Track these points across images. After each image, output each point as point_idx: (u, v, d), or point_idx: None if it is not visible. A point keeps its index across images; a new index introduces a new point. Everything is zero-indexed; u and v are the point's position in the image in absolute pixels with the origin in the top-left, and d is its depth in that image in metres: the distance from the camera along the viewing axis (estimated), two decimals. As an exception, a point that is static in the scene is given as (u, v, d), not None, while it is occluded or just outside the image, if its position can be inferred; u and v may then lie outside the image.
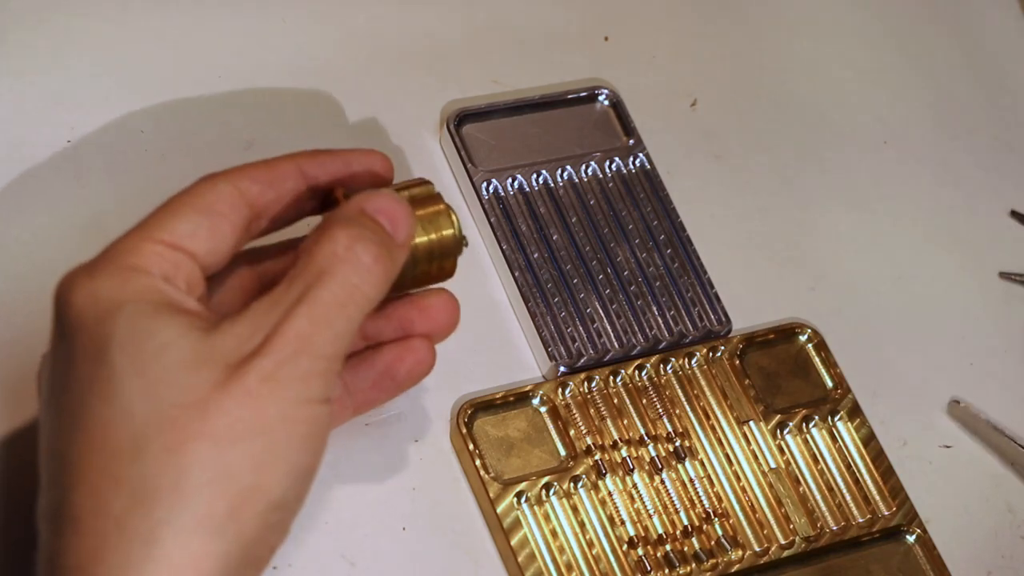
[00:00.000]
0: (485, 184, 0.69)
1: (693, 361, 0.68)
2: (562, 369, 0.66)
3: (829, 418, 0.68)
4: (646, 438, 0.65)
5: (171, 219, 0.51)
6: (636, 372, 0.67)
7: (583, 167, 0.71)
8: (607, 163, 0.72)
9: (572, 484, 0.63)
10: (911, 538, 0.66)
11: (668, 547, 0.63)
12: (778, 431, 0.67)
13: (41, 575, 0.48)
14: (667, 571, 0.63)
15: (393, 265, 0.52)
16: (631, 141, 0.73)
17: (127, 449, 0.47)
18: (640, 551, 0.63)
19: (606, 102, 0.74)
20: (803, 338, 0.70)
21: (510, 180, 0.70)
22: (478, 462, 0.63)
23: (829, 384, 0.69)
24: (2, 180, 0.64)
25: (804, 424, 0.68)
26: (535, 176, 0.70)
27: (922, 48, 0.83)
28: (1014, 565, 0.68)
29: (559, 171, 0.71)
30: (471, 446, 0.63)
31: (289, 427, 0.48)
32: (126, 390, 0.47)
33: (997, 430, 0.70)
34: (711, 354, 0.68)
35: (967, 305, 0.75)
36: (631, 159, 0.72)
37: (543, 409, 0.65)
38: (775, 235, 0.74)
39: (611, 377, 0.66)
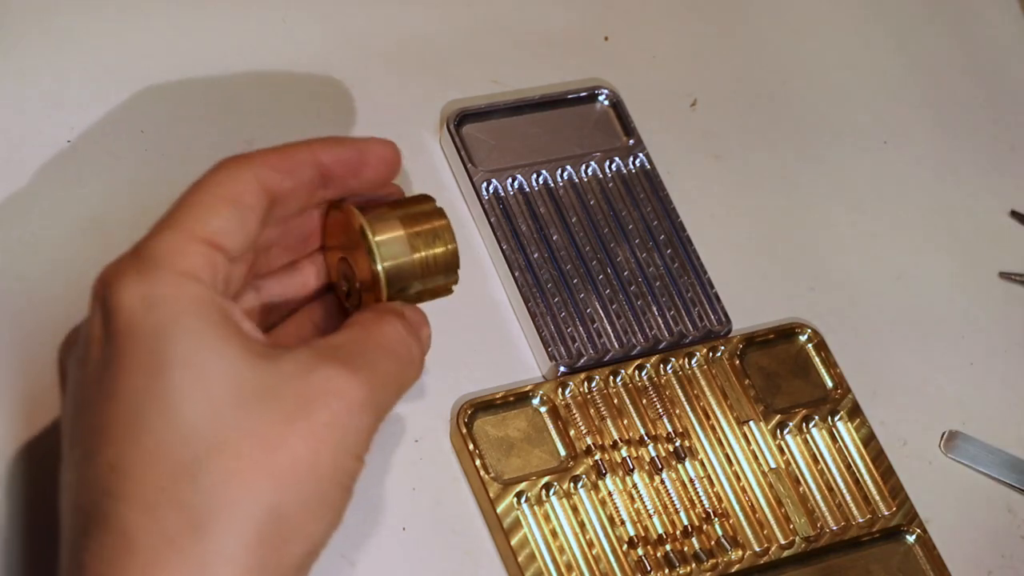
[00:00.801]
0: (485, 184, 0.69)
1: (693, 361, 0.68)
2: (562, 369, 0.66)
3: (829, 418, 0.68)
4: (646, 438, 0.65)
5: (206, 213, 0.50)
6: (636, 372, 0.67)
7: (583, 167, 0.71)
8: (607, 163, 0.72)
9: (572, 484, 0.63)
10: (911, 538, 0.66)
11: (668, 547, 0.63)
12: (778, 431, 0.67)
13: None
14: (667, 571, 0.63)
15: (416, 379, 0.54)
16: (631, 141, 0.73)
17: (186, 470, 0.46)
18: (640, 551, 0.63)
19: (606, 102, 0.73)
20: (803, 338, 0.70)
21: (510, 180, 0.70)
22: (478, 462, 0.63)
23: (829, 384, 0.69)
24: (2, 180, 0.64)
25: (804, 424, 0.68)
26: (535, 176, 0.70)
27: (922, 48, 0.83)
28: (1014, 565, 0.68)
29: (559, 171, 0.71)
30: (471, 446, 0.63)
31: (338, 475, 0.48)
32: (188, 410, 0.46)
33: (992, 453, 0.70)
34: (711, 354, 0.68)
35: (967, 305, 0.75)
36: (631, 159, 0.72)
37: (543, 409, 0.65)
38: (775, 235, 0.74)
39: (611, 377, 0.66)
